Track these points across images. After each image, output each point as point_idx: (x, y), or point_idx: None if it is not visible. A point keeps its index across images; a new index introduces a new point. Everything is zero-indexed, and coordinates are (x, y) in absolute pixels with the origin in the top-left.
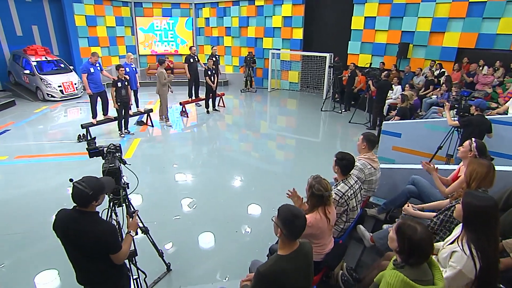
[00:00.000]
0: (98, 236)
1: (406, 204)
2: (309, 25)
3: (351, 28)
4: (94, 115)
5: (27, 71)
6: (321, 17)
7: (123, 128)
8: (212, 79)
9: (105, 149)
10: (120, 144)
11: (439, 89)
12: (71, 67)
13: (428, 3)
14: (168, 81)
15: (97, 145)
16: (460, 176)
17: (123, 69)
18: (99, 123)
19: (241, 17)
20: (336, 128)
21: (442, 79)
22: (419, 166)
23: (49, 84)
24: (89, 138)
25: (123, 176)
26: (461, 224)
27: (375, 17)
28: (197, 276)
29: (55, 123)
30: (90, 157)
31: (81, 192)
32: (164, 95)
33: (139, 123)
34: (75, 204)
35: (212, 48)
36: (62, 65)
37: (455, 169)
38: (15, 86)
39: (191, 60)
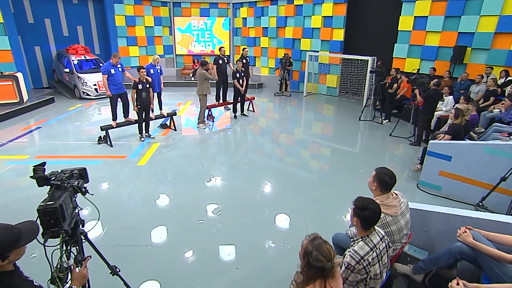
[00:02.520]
0: None
1: (455, 281)
2: (351, 25)
3: (398, 29)
4: (114, 117)
5: (67, 70)
6: (364, 17)
7: (144, 132)
8: (241, 82)
9: (53, 178)
10: (83, 169)
11: (502, 102)
12: None
13: None
14: (210, 78)
15: (46, 172)
16: None
17: (144, 70)
18: (119, 125)
19: (279, 17)
20: (375, 141)
21: (508, 90)
22: (476, 214)
23: (85, 82)
24: (108, 141)
25: (78, 210)
26: None
27: (427, 16)
28: None
29: (83, 122)
30: (38, 186)
31: None
32: (202, 96)
33: (163, 126)
34: None
35: (243, 49)
36: (101, 64)
37: None
38: (58, 83)
39: (220, 61)
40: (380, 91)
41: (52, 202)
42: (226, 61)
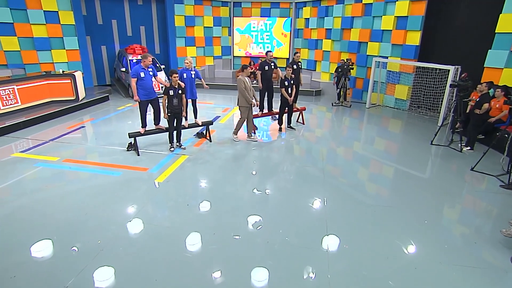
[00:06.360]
0: None
1: None
2: (430, 28)
3: (495, 31)
4: (143, 124)
5: (123, 69)
6: (448, 17)
7: (175, 141)
8: (289, 91)
9: None
10: None
11: None
12: (162, 66)
13: None
14: (250, 93)
15: None
16: None
17: (177, 75)
18: (147, 133)
19: (345, 17)
20: (449, 175)
21: None
22: None
23: None
24: (136, 149)
25: None
26: None
27: None
28: None
29: (124, 123)
30: None
31: None
32: (243, 108)
33: (199, 135)
34: None
35: (294, 54)
36: (157, 65)
37: None
38: (117, 82)
39: (266, 67)
40: (463, 111)
41: None
42: (273, 67)
